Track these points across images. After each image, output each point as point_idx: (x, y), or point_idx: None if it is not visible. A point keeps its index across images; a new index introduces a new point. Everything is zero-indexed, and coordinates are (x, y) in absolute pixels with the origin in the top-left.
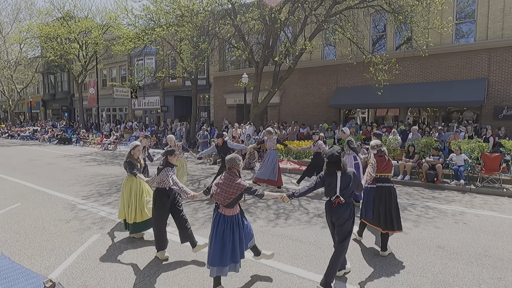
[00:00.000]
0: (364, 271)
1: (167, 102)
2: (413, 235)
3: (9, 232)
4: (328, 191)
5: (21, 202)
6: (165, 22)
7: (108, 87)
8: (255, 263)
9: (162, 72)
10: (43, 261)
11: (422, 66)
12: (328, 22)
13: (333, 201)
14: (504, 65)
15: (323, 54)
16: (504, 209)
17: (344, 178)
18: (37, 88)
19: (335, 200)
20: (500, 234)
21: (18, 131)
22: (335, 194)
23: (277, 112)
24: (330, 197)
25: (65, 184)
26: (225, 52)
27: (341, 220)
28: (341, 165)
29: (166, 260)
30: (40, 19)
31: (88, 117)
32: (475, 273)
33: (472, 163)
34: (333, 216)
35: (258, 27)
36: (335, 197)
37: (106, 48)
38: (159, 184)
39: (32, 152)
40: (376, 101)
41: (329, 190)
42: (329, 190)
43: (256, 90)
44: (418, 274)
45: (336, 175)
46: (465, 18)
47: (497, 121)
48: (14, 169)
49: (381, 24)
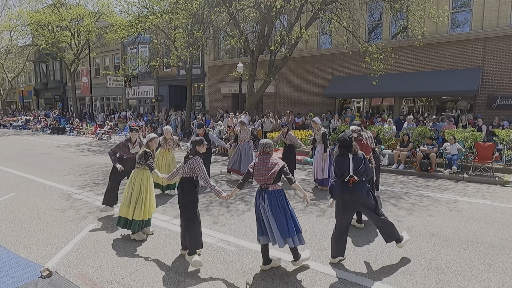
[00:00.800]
0: (358, 258)
1: (162, 91)
2: (407, 222)
3: (4, 222)
4: (341, 172)
5: (16, 192)
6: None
7: (102, 76)
8: (251, 250)
9: (156, 60)
10: (39, 250)
11: (418, 55)
12: (324, 11)
13: (347, 181)
14: (499, 55)
15: (318, 43)
16: (496, 197)
17: (356, 159)
18: (28, 77)
19: (350, 180)
20: (492, 221)
21: (10, 121)
22: (349, 174)
23: (273, 101)
24: (343, 178)
25: (60, 174)
26: (220, 40)
27: (362, 196)
28: (353, 148)
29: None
30: (30, 5)
31: (81, 106)
32: (467, 259)
33: (465, 152)
34: (352, 195)
35: (253, 15)
36: (349, 176)
37: (98, 36)
38: (186, 173)
39: (25, 142)
40: (371, 91)
41: (342, 171)
42: (342, 172)
43: (251, 79)
44: (412, 260)
45: (348, 157)
46: (461, 7)
47: (491, 111)
48: (8, 159)
49: (377, 13)
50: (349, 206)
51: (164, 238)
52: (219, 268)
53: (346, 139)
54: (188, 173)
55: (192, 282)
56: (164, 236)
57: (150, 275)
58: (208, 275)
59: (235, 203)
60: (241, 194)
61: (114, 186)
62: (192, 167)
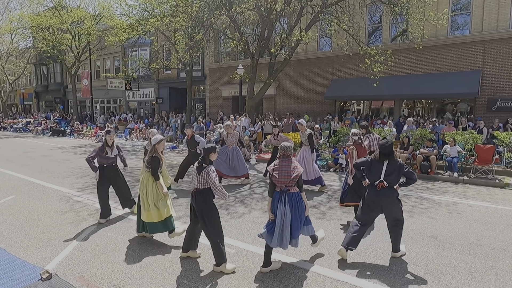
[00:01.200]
0: (358, 260)
1: (162, 94)
2: (407, 225)
3: (4, 224)
4: (372, 176)
5: (16, 194)
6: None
7: (102, 79)
8: (251, 253)
9: (157, 63)
10: (39, 252)
11: (417, 58)
12: (324, 13)
13: (376, 185)
14: (499, 57)
15: (318, 46)
16: (497, 200)
17: (390, 166)
18: (29, 80)
19: (379, 184)
20: (492, 224)
21: (11, 123)
22: (379, 179)
23: (273, 104)
24: (373, 181)
25: (60, 176)
26: (220, 43)
27: (389, 202)
28: (392, 155)
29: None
30: (31, 8)
31: (82, 109)
32: (467, 262)
33: (465, 155)
34: (380, 199)
35: (253, 18)
36: (379, 181)
37: (99, 39)
38: (202, 184)
39: (25, 144)
40: (371, 93)
41: (373, 175)
42: (372, 174)
43: (251, 81)
44: (411, 263)
45: (383, 163)
46: (460, 10)
47: (491, 113)
48: (8, 161)
49: (377, 16)
50: (375, 207)
51: (164, 241)
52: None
53: (387, 146)
54: (204, 184)
55: (192, 285)
56: (164, 239)
57: (150, 278)
58: (208, 277)
59: (234, 206)
60: (240, 196)
61: (104, 197)
62: (206, 177)
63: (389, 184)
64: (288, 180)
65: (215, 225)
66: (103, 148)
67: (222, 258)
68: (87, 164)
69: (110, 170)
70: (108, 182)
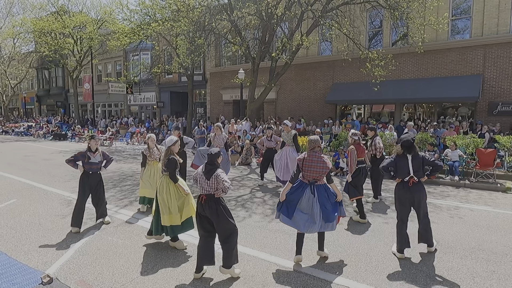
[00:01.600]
0: (360, 265)
1: (163, 98)
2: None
3: (5, 228)
4: (400, 172)
5: (17, 198)
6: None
7: (104, 83)
8: (252, 257)
9: (158, 67)
10: (40, 256)
11: (418, 62)
12: (324, 18)
13: (407, 181)
14: (499, 61)
15: (319, 50)
16: (498, 204)
17: (415, 160)
18: (31, 84)
19: (410, 180)
20: (494, 228)
21: (12, 127)
22: (409, 175)
23: (274, 107)
24: (403, 178)
25: (61, 180)
26: (221, 47)
27: (420, 197)
28: (413, 149)
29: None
30: (33, 13)
31: (83, 112)
32: (469, 266)
33: (466, 159)
34: (413, 195)
35: (254, 22)
36: (409, 177)
37: (101, 43)
38: (214, 189)
39: (27, 148)
40: (372, 97)
41: (401, 171)
42: (401, 171)
43: (252, 85)
44: (413, 267)
45: (407, 158)
46: (460, 14)
47: (491, 117)
48: (10, 165)
49: (377, 20)
50: (407, 203)
51: (165, 245)
52: (220, 275)
53: (409, 140)
54: (214, 188)
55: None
56: (165, 243)
57: (151, 282)
58: (208, 282)
59: (235, 210)
60: (241, 200)
61: (82, 204)
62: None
63: (419, 178)
64: (317, 173)
65: (232, 226)
66: (85, 154)
67: (234, 260)
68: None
69: (93, 178)
70: (89, 189)
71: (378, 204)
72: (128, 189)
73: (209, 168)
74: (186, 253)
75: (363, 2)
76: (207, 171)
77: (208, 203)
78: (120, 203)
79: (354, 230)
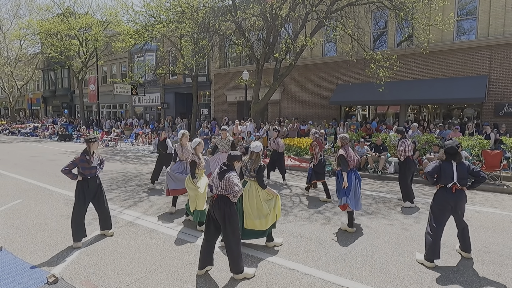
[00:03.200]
0: (364, 267)
1: (168, 99)
2: (413, 231)
3: (12, 228)
4: (444, 178)
5: (23, 198)
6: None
7: (109, 84)
8: (256, 259)
9: (163, 68)
10: (45, 256)
11: (423, 63)
12: (329, 19)
13: (450, 187)
14: (505, 62)
15: (323, 51)
16: (505, 206)
17: (460, 168)
18: (37, 85)
19: (453, 187)
20: (500, 230)
21: (19, 128)
22: (452, 181)
23: (278, 109)
24: (446, 184)
25: (67, 180)
26: (225, 48)
27: (461, 204)
28: (458, 155)
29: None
30: (40, 15)
31: (88, 113)
32: (476, 269)
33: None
34: (454, 202)
35: (258, 23)
36: (452, 183)
37: (106, 45)
38: (226, 191)
39: (33, 148)
40: (376, 98)
41: (445, 177)
42: (444, 177)
43: (256, 87)
44: (418, 270)
45: (452, 164)
46: (466, 14)
47: (498, 118)
48: (16, 165)
49: (382, 21)
50: (448, 210)
51: (170, 245)
52: (223, 276)
53: (453, 147)
54: (226, 190)
55: None
56: (170, 243)
57: (155, 283)
58: (211, 283)
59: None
60: None
61: (83, 214)
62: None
63: (462, 186)
64: (356, 163)
65: (237, 231)
66: (84, 158)
67: (241, 267)
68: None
69: (93, 182)
70: (90, 196)
71: (383, 206)
72: (132, 190)
73: (223, 169)
74: (191, 254)
75: (367, 3)
76: (221, 172)
77: (218, 203)
78: (124, 204)
79: (359, 231)
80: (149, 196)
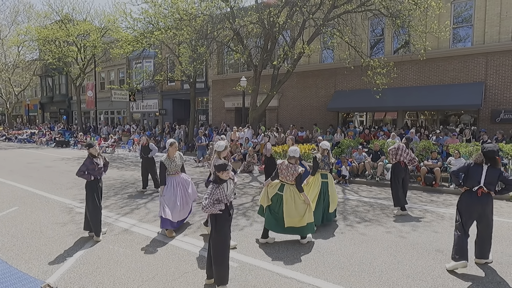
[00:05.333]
0: (363, 275)
1: (166, 105)
2: (411, 239)
3: (7, 236)
4: (470, 181)
5: (19, 205)
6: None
7: (107, 90)
8: (254, 267)
9: (161, 75)
10: (40, 265)
11: (420, 70)
12: (326, 26)
13: (475, 191)
14: (501, 69)
15: (321, 58)
16: (503, 213)
17: (491, 172)
18: (35, 91)
19: (479, 190)
20: (498, 238)
21: (16, 134)
22: (479, 185)
23: (276, 115)
24: (471, 187)
25: (63, 187)
26: (223, 55)
27: (487, 209)
28: (495, 160)
29: None
30: (38, 22)
31: (86, 120)
32: (475, 277)
33: None
34: (478, 206)
35: (256, 30)
36: (479, 187)
37: (104, 51)
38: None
39: (29, 155)
40: (374, 105)
41: (471, 180)
42: (471, 180)
43: (254, 93)
44: (417, 278)
45: (482, 167)
46: (462, 22)
47: (494, 125)
48: (12, 172)
49: (379, 28)
50: (473, 213)
51: (166, 254)
52: None
53: (494, 150)
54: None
55: None
56: (166, 252)
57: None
58: None
59: (236, 218)
60: (243, 209)
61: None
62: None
63: (489, 190)
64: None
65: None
66: (92, 161)
67: (224, 280)
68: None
69: (100, 183)
70: (99, 194)
71: (380, 213)
72: (129, 197)
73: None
74: (188, 262)
75: (364, 11)
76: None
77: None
78: (121, 211)
79: (357, 239)
80: (146, 204)
